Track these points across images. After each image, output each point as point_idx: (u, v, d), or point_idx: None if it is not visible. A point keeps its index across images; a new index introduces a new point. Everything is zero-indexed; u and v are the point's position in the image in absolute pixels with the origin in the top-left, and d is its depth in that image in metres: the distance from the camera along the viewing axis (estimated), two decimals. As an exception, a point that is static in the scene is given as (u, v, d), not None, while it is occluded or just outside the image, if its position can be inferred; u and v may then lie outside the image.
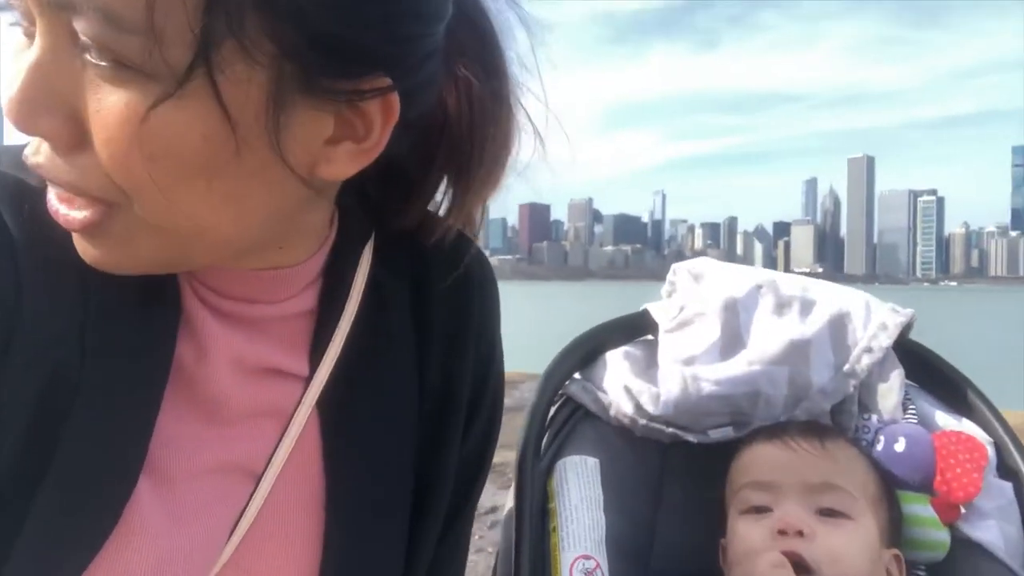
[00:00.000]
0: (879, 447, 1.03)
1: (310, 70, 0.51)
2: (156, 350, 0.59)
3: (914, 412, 1.06)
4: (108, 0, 0.45)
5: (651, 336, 1.17)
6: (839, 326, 1.08)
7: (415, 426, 0.72)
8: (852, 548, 0.91)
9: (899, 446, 1.02)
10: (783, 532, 0.92)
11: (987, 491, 1.00)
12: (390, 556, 0.70)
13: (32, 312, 0.55)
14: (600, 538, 1.01)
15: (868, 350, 1.06)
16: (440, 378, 0.74)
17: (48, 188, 0.54)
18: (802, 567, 0.89)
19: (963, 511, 1.00)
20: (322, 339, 0.67)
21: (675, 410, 1.07)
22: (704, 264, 1.17)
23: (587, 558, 0.98)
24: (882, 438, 1.03)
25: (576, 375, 1.16)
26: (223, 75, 0.48)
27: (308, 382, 0.66)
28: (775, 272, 1.15)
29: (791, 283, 1.13)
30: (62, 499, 0.53)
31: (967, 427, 1.06)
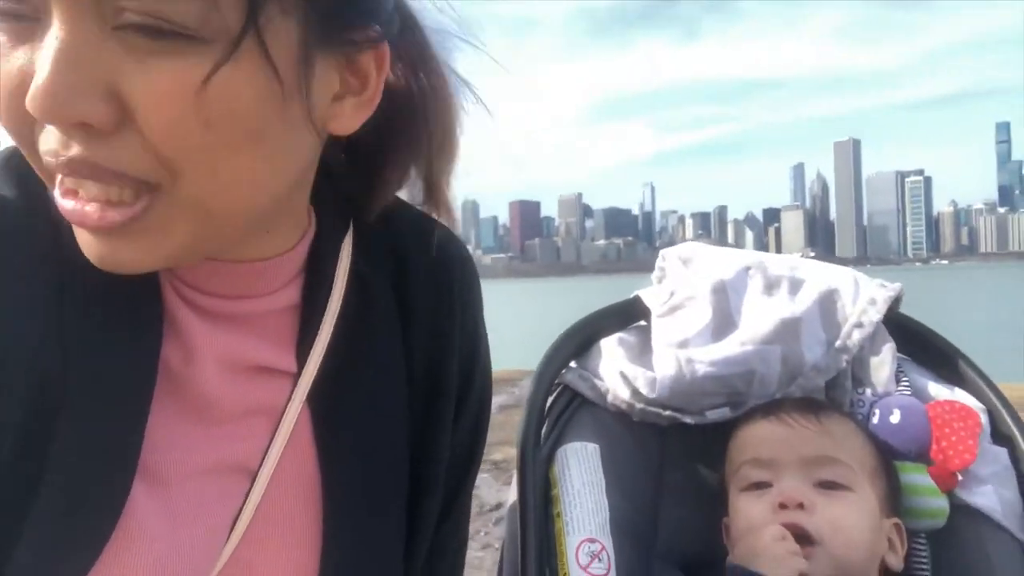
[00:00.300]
0: (875, 420, 1.04)
1: (329, 19, 0.53)
2: (141, 354, 0.58)
3: (907, 384, 1.08)
4: None
5: (644, 322, 1.18)
6: (828, 303, 1.09)
7: (406, 415, 0.73)
8: (853, 518, 0.93)
9: (894, 418, 1.03)
10: (784, 506, 0.94)
11: (983, 457, 1.01)
12: (389, 546, 0.71)
13: (9, 324, 0.54)
14: (604, 521, 1.02)
15: (859, 325, 1.07)
16: (426, 366, 0.74)
17: (61, 195, 0.51)
18: (804, 538, 0.91)
19: (960, 478, 1.02)
20: (308, 334, 0.67)
21: (671, 393, 1.08)
22: (692, 248, 1.19)
23: (592, 541, 0.99)
24: (877, 411, 1.05)
25: (572, 364, 1.17)
26: (268, 31, 0.49)
27: (297, 378, 0.66)
28: (762, 253, 1.16)
29: (779, 263, 1.14)
30: (59, 507, 0.53)
31: (960, 396, 1.07)
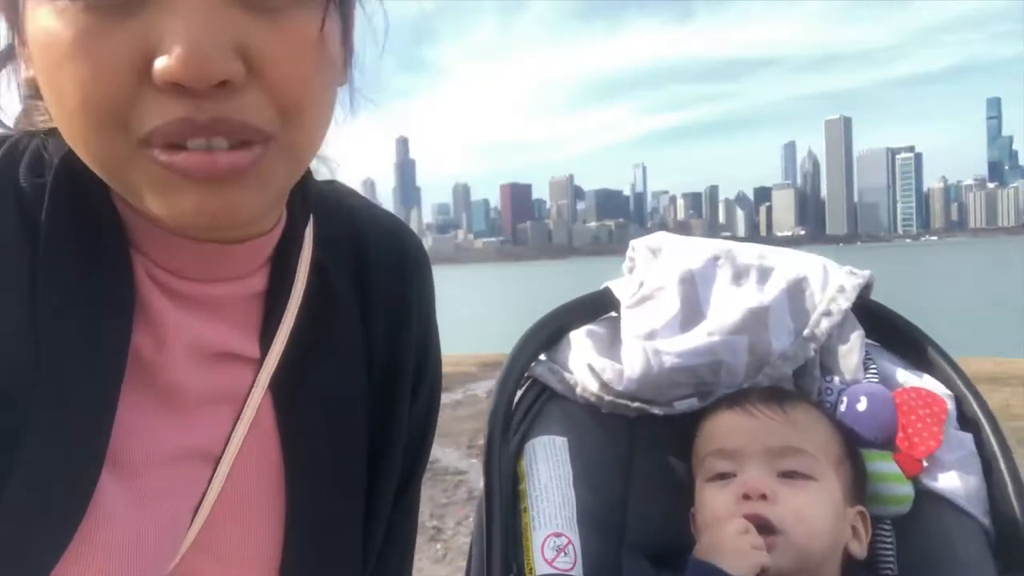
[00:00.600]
0: (842, 408, 1.04)
1: None
2: (113, 342, 0.59)
3: (875, 371, 1.08)
4: None
5: (614, 313, 1.18)
6: (797, 292, 1.08)
7: (365, 400, 0.75)
8: (815, 507, 0.93)
9: (861, 406, 1.03)
10: (747, 496, 0.94)
11: (948, 443, 1.02)
12: (349, 527, 0.73)
13: None
14: (571, 515, 1.02)
15: (827, 313, 1.07)
16: (386, 350, 0.76)
17: (171, 156, 0.54)
18: (767, 529, 0.91)
19: (925, 464, 1.02)
20: (272, 321, 0.69)
21: (639, 385, 1.08)
22: (661, 238, 1.18)
23: (558, 535, 0.99)
24: (845, 399, 1.05)
25: (541, 356, 1.16)
26: None
27: (260, 365, 0.68)
28: (731, 242, 1.15)
29: (748, 252, 1.13)
30: (29, 496, 0.54)
31: (927, 382, 1.07)
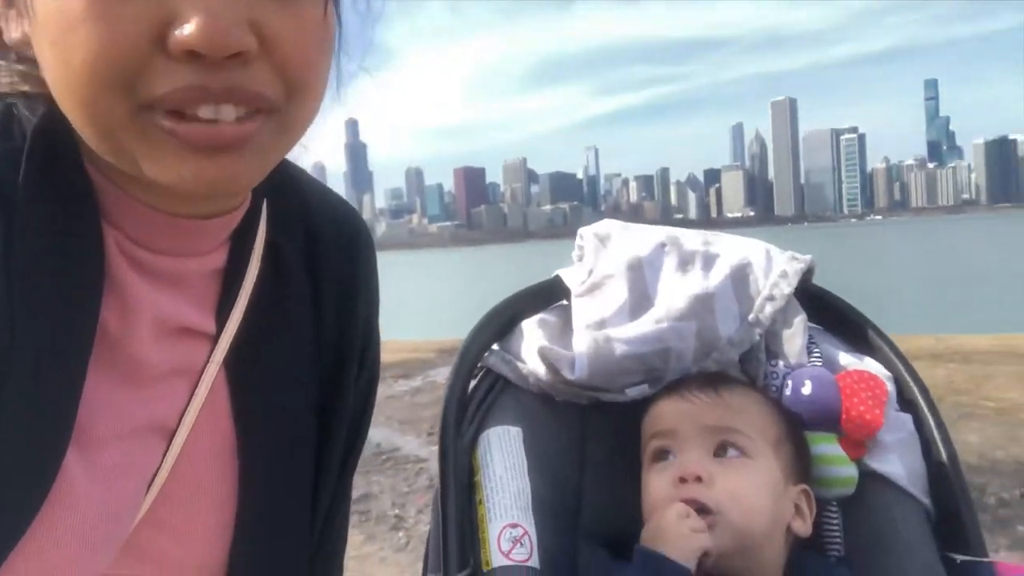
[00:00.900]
0: (788, 391, 1.06)
1: None
2: (83, 316, 0.59)
3: (818, 354, 1.10)
4: None
5: (565, 301, 1.18)
6: (741, 277, 1.10)
7: (314, 376, 0.77)
8: (751, 487, 0.95)
9: (806, 389, 1.05)
10: (683, 480, 0.96)
11: (889, 425, 1.04)
12: (298, 499, 0.75)
13: None
14: (526, 505, 1.02)
15: (771, 298, 1.09)
16: (335, 328, 0.80)
17: (178, 124, 0.56)
18: (704, 510, 0.93)
19: (868, 446, 1.05)
20: (228, 298, 0.71)
21: (591, 373, 1.08)
22: (609, 226, 1.18)
23: (514, 526, 1.00)
24: (790, 382, 1.07)
25: (494, 346, 1.16)
26: None
27: (215, 340, 0.70)
28: (678, 229, 1.16)
29: (693, 239, 1.14)
30: None
31: (869, 365, 1.10)
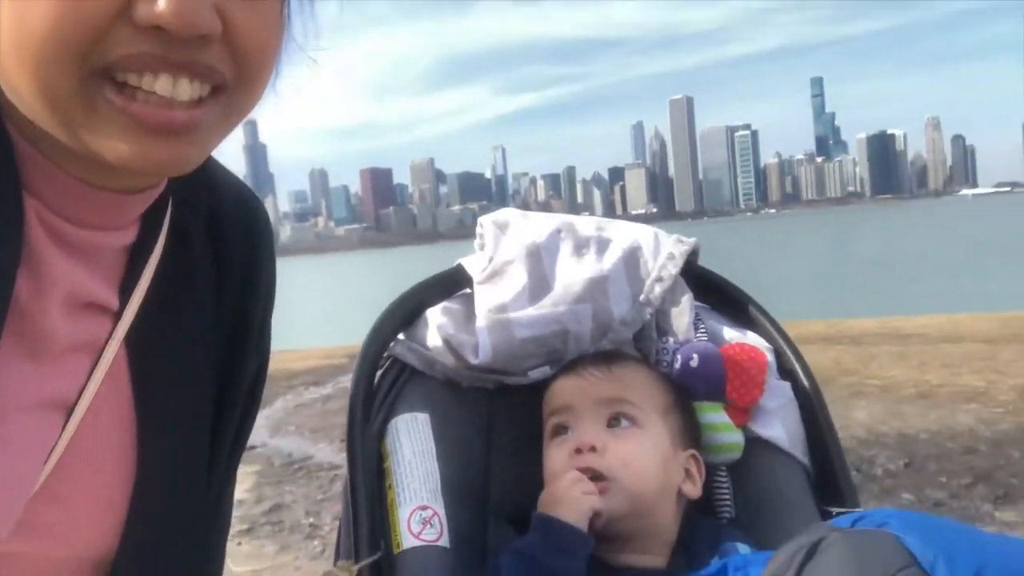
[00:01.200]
0: (677, 365, 1.14)
1: None
2: None
3: (704, 330, 1.18)
4: None
5: (468, 289, 1.21)
6: (632, 260, 1.16)
7: (214, 352, 0.78)
8: (641, 453, 1.02)
9: (693, 362, 1.13)
10: (579, 451, 1.02)
11: (770, 392, 1.13)
12: (193, 478, 0.76)
13: None
14: (435, 488, 1.05)
15: (659, 279, 1.16)
16: (235, 307, 0.81)
17: (130, 102, 0.57)
18: (599, 477, 1.00)
19: (751, 413, 1.13)
20: (134, 275, 0.71)
21: (494, 357, 1.12)
22: (507, 214, 1.22)
23: (424, 508, 1.02)
24: (679, 357, 1.14)
25: (400, 336, 1.18)
26: None
27: (119, 317, 0.70)
28: (572, 216, 1.22)
29: (587, 224, 1.20)
30: None
31: (751, 338, 1.18)
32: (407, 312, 1.19)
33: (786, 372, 1.16)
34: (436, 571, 0.98)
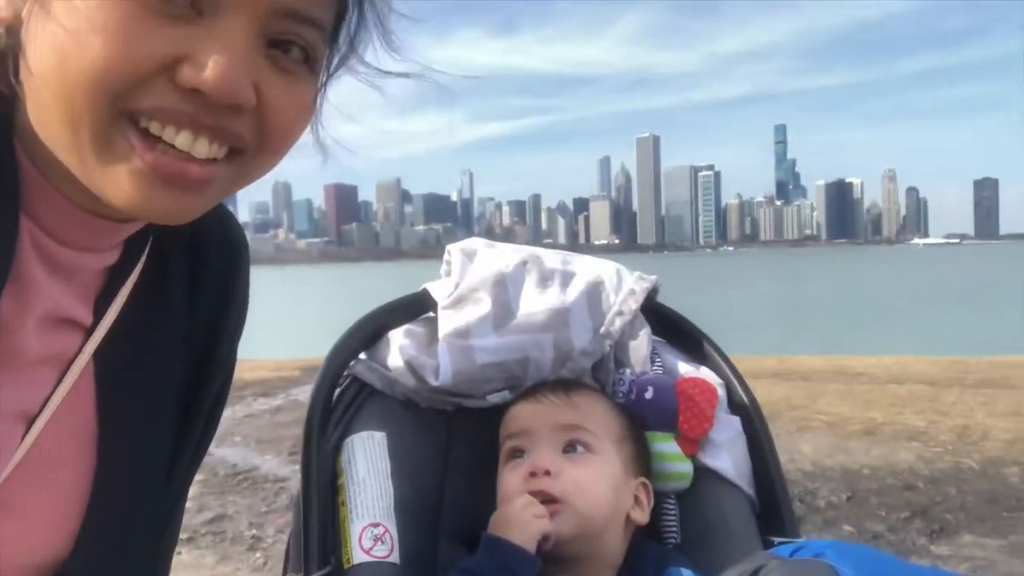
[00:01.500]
0: (632, 396, 1.17)
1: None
2: None
3: (660, 364, 1.22)
4: (326, 18, 0.64)
5: (432, 313, 1.24)
6: (595, 294, 1.20)
7: (181, 371, 0.79)
8: (595, 479, 1.05)
9: (648, 394, 1.16)
10: (533, 474, 1.05)
11: (719, 425, 1.17)
12: (150, 489, 0.77)
13: None
14: (388, 506, 1.06)
15: (620, 313, 1.20)
16: (207, 332, 0.82)
17: (150, 152, 0.58)
18: (551, 500, 1.03)
19: (701, 444, 1.17)
20: (110, 293, 0.72)
21: (455, 380, 1.15)
22: (475, 243, 1.26)
23: (375, 525, 1.04)
24: (635, 388, 1.17)
25: (361, 355, 1.20)
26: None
27: (89, 332, 0.71)
28: (539, 248, 1.25)
29: (553, 258, 1.24)
30: None
31: (704, 373, 1.23)
32: (371, 332, 1.21)
33: (736, 406, 1.21)
34: (386, 587, 0.99)
